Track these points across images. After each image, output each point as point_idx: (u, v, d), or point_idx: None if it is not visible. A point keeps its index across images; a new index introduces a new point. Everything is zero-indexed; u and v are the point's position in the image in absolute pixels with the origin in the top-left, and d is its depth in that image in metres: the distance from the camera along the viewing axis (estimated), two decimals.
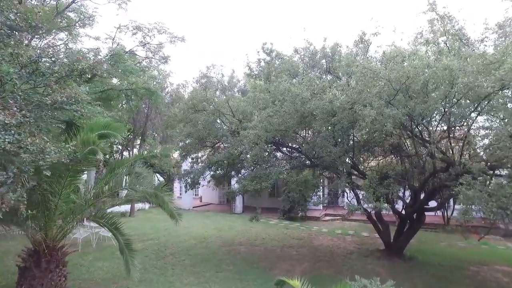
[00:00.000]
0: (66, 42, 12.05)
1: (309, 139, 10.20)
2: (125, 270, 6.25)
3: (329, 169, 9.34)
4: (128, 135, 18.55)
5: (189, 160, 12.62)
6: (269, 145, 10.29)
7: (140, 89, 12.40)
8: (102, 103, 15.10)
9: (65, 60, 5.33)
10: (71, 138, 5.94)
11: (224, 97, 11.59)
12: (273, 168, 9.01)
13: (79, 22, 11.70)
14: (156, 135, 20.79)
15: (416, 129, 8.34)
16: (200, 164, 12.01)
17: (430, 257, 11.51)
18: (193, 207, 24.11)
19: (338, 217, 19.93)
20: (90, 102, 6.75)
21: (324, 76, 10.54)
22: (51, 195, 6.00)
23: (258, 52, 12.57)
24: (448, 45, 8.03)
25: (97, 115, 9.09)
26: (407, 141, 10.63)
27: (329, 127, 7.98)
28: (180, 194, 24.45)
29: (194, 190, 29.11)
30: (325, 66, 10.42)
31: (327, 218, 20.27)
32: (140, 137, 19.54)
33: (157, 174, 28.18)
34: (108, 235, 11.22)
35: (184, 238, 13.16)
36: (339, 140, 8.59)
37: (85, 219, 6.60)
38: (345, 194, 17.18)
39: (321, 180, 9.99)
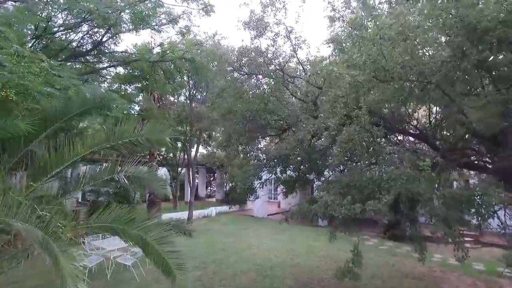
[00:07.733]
0: None
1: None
2: None
3: None
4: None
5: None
6: (374, 126, 5.52)
7: (176, 59, 8.86)
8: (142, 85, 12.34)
9: None
10: None
11: (290, 46, 7.05)
12: (387, 168, 4.27)
13: None
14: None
15: None
16: (253, 161, 7.68)
17: None
18: (268, 215, 20.12)
19: (468, 238, 13.53)
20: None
21: None
22: None
23: None
24: None
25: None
26: None
27: None
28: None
29: (271, 193, 25.35)
30: None
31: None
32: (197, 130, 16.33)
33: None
34: (128, 263, 7.90)
35: (242, 267, 9.12)
36: None
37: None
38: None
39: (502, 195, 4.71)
